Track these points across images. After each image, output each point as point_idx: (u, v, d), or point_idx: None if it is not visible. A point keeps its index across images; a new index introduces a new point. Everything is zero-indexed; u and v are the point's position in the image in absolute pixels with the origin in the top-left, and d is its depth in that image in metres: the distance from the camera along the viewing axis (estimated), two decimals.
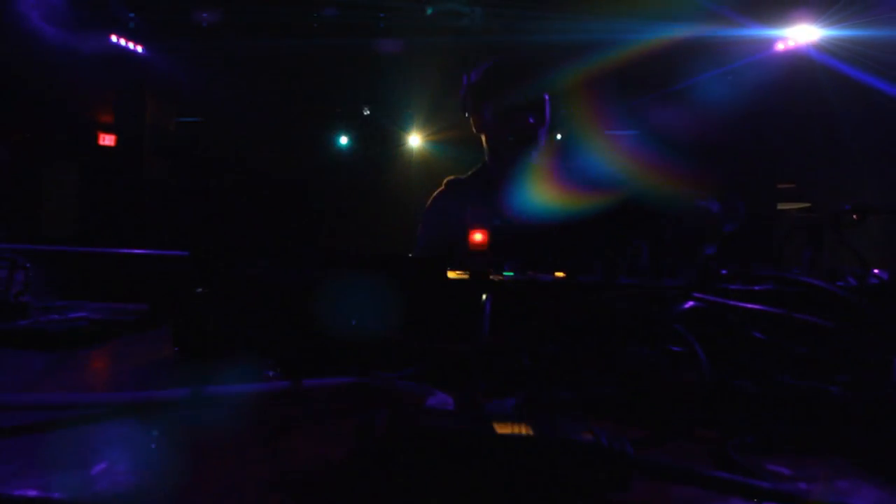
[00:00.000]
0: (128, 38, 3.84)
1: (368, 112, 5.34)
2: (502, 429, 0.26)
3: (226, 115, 4.70)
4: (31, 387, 0.45)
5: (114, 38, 3.73)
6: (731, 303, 0.41)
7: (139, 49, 3.97)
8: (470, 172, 1.45)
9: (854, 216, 0.50)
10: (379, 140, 5.14)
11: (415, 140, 5.17)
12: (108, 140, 4.69)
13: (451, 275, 0.57)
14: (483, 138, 1.35)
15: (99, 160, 4.54)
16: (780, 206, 4.52)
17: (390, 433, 0.25)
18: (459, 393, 0.36)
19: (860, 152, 4.12)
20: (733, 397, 0.36)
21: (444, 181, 1.44)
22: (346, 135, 5.18)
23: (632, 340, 0.40)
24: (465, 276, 0.51)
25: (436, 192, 1.43)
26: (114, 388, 0.46)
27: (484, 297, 0.40)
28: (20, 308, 0.78)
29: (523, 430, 0.26)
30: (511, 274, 0.72)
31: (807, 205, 4.71)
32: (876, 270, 0.76)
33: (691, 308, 0.42)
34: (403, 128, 5.17)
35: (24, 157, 4.10)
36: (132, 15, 3.78)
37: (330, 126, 5.13)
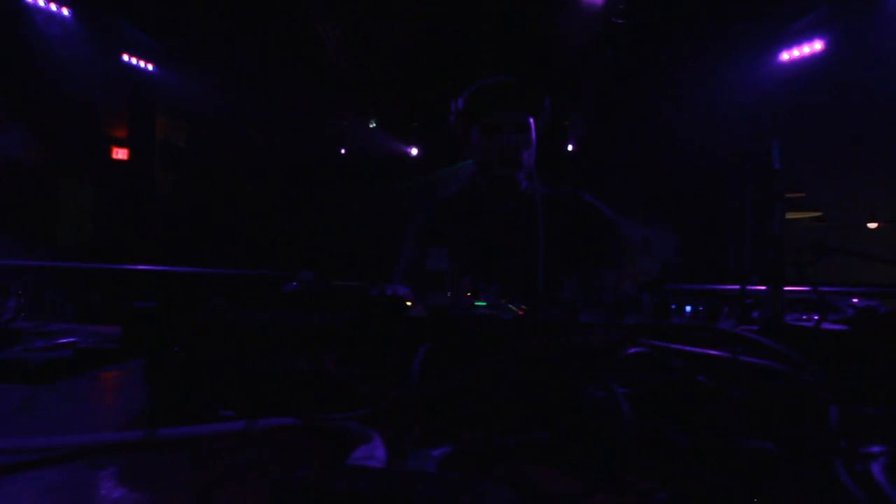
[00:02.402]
0: (139, 57, 3.95)
1: (375, 125, 5.42)
2: (416, 487, 0.27)
3: (232, 130, 4.78)
4: (3, 423, 0.47)
5: (125, 57, 3.83)
6: (676, 347, 0.42)
7: (150, 67, 4.07)
8: (458, 190, 1.46)
9: (812, 256, 0.50)
10: (384, 152, 5.20)
11: (418, 151, 5.22)
12: (121, 154, 4.82)
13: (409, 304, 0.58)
14: (473, 161, 1.37)
15: (112, 174, 4.65)
16: (790, 216, 4.45)
17: (301, 498, 0.26)
18: (393, 440, 0.37)
19: (871, 159, 4.05)
20: (667, 447, 0.36)
21: (433, 199, 1.46)
22: (351, 147, 5.26)
23: (571, 385, 0.40)
24: (425, 315, 0.52)
25: (423, 209, 1.44)
26: (84, 426, 0.48)
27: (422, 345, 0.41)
28: (11, 335, 0.81)
29: (436, 490, 0.27)
30: (483, 304, 0.73)
31: (817, 214, 4.63)
32: (855, 300, 0.75)
33: (635, 353, 0.42)
34: (408, 140, 5.22)
35: (40, 171, 4.22)
36: (143, 35, 3.90)
37: (336, 139, 5.20)
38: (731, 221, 4.39)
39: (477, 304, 0.72)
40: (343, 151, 5.30)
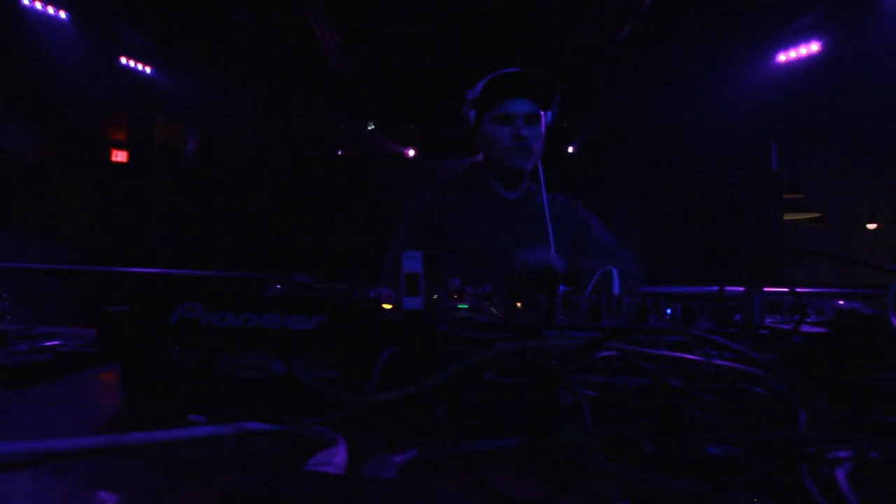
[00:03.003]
0: (137, 60, 3.96)
1: (373, 127, 5.43)
2: (360, 493, 0.27)
3: (231, 133, 4.80)
4: None
5: (123, 60, 3.85)
6: (647, 350, 0.41)
7: (147, 70, 4.09)
8: (462, 177, 1.47)
9: (790, 258, 0.50)
10: (383, 153, 5.21)
11: (416, 152, 5.23)
12: (120, 156, 4.83)
13: (386, 306, 0.58)
14: (483, 152, 1.38)
15: (112, 176, 4.66)
16: (789, 217, 4.44)
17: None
18: (361, 445, 0.37)
19: (870, 160, 4.04)
20: (633, 453, 0.36)
21: (435, 182, 1.46)
22: (347, 149, 5.27)
23: (541, 389, 0.40)
24: (397, 320, 0.51)
25: (422, 191, 1.44)
26: (55, 431, 0.48)
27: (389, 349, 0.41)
28: None
29: (382, 496, 0.26)
30: (465, 307, 0.72)
31: (816, 215, 4.62)
32: (841, 302, 0.74)
33: (607, 357, 0.41)
34: (406, 141, 5.23)
35: (40, 172, 4.23)
36: (141, 38, 3.91)
37: (333, 141, 5.21)
38: (729, 223, 4.38)
39: (460, 306, 0.72)
40: (340, 153, 5.31)
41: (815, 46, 3.45)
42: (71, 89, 3.81)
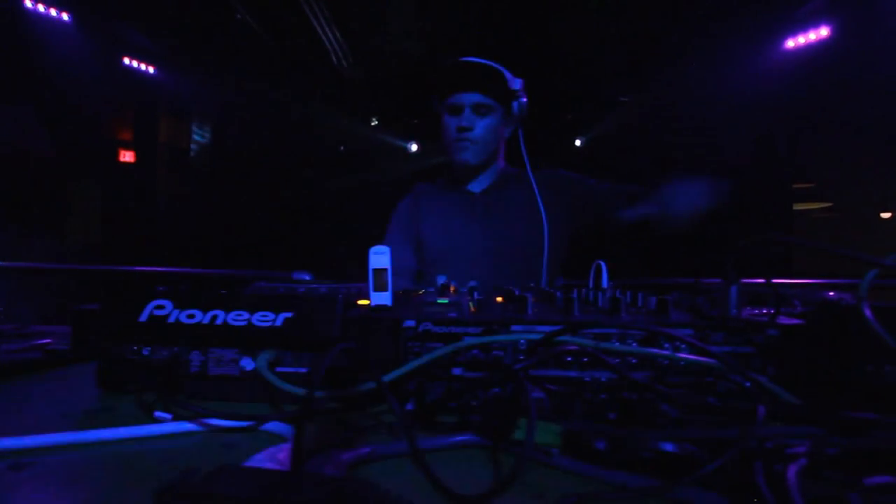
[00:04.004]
0: (139, 60, 3.99)
1: (376, 122, 5.43)
2: (282, 490, 0.27)
3: (234, 130, 4.82)
4: None
5: (126, 61, 3.88)
6: (606, 345, 0.41)
7: (150, 70, 4.12)
8: (442, 174, 1.46)
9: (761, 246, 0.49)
10: (384, 149, 5.21)
11: (417, 147, 5.23)
12: (128, 156, 4.89)
13: (362, 302, 0.58)
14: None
15: (120, 176, 4.72)
16: (798, 207, 4.35)
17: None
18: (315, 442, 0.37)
19: (883, 147, 3.94)
20: (587, 450, 0.35)
21: (415, 184, 1.46)
22: (352, 146, 5.27)
23: (500, 385, 0.40)
24: (369, 316, 0.51)
25: (402, 200, 1.43)
26: (25, 428, 0.48)
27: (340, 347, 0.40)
28: None
29: (311, 492, 0.26)
30: (444, 301, 0.72)
31: (828, 204, 4.53)
32: (831, 293, 0.73)
33: (571, 351, 0.41)
34: (408, 136, 5.23)
35: (51, 171, 4.28)
36: (142, 38, 3.94)
37: (335, 138, 5.21)
38: (738, 213, 4.31)
39: (439, 300, 0.71)
40: (342, 149, 5.32)
41: (824, 31, 3.36)
42: (76, 90, 3.86)
